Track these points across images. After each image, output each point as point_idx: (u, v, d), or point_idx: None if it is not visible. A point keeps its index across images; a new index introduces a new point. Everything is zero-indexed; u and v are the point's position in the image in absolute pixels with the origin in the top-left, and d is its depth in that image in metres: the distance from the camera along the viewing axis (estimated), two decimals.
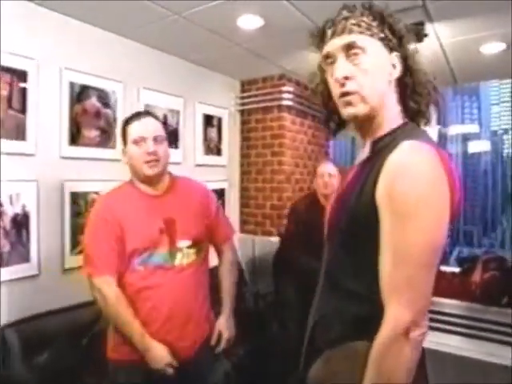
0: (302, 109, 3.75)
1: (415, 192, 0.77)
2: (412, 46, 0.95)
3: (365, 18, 0.91)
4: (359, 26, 0.90)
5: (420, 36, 2.22)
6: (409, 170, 0.79)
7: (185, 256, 1.57)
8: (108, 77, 2.51)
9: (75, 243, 2.33)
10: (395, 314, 0.77)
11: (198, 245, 1.62)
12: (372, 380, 0.79)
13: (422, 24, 2.24)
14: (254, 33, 2.54)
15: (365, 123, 0.95)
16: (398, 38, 0.92)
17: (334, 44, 0.93)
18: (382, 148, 0.87)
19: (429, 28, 2.35)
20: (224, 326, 1.67)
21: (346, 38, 0.90)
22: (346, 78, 0.90)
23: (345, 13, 0.93)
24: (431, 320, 3.69)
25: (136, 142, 1.53)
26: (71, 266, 2.31)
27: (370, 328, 0.80)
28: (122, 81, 2.59)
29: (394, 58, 0.92)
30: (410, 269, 0.77)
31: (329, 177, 2.57)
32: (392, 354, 0.76)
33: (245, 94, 3.74)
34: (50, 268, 2.22)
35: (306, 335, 0.99)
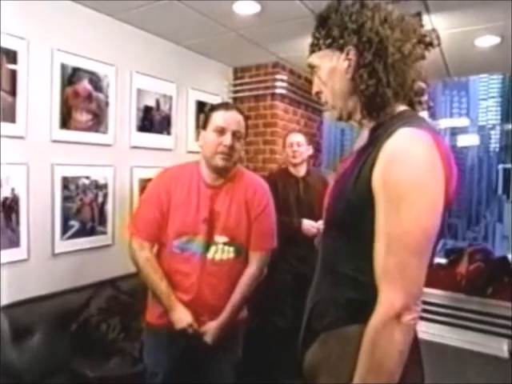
0: (295, 98, 3.73)
1: (409, 177, 0.78)
2: (372, 26, 0.91)
3: (316, 34, 1.00)
4: (311, 45, 1.02)
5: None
6: (403, 155, 0.80)
7: (219, 251, 1.59)
8: (100, 60, 2.46)
9: (65, 228, 2.31)
10: (388, 298, 0.79)
11: (236, 244, 1.61)
12: (365, 363, 0.81)
13: (418, 14, 2.23)
14: (249, 19, 2.51)
15: (354, 119, 1.01)
16: (341, 31, 0.94)
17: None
18: (380, 135, 0.87)
19: (425, 19, 2.34)
20: (211, 331, 1.60)
21: (307, 60, 1.05)
22: (317, 92, 1.04)
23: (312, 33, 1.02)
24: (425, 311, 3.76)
25: (217, 131, 1.57)
26: (61, 250, 2.29)
27: (364, 312, 0.82)
28: (115, 64, 2.55)
29: (348, 52, 0.93)
30: (403, 255, 0.78)
31: (297, 146, 2.62)
32: (384, 337, 0.78)
33: (238, 82, 3.70)
34: (39, 253, 2.20)
35: (304, 320, 1.01)
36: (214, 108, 1.67)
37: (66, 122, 2.29)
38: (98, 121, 2.46)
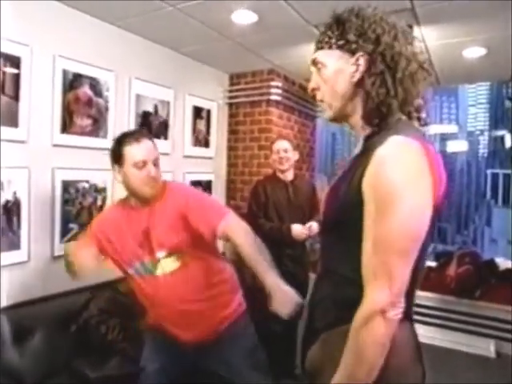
0: (290, 104, 3.81)
1: (396, 181, 0.83)
2: (388, 40, 0.95)
3: (328, 32, 1.01)
4: (320, 42, 1.03)
5: None
6: (390, 161, 0.85)
7: (165, 265, 1.63)
8: (101, 66, 2.51)
9: (65, 231, 2.35)
10: (373, 295, 0.84)
11: (175, 254, 1.63)
12: (349, 352, 0.87)
13: (410, 27, 2.33)
14: (246, 28, 2.58)
15: (349, 122, 1.05)
16: (358, 37, 0.96)
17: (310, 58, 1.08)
18: (373, 143, 0.91)
19: (416, 31, 2.44)
20: (272, 287, 1.41)
21: (313, 55, 1.06)
22: (313, 89, 1.06)
23: (320, 29, 1.06)
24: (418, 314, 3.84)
25: (137, 166, 1.57)
26: (61, 253, 2.31)
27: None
28: (114, 70, 2.60)
29: (359, 58, 0.96)
30: (387, 255, 0.83)
31: (284, 152, 2.68)
32: (368, 330, 0.84)
33: (233, 88, 3.77)
34: (39, 255, 2.23)
35: (305, 320, 1.07)
36: (121, 142, 1.60)
37: (66, 126, 2.33)
38: (97, 126, 2.51)
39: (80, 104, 2.40)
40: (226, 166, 3.84)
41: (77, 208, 2.42)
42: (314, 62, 1.05)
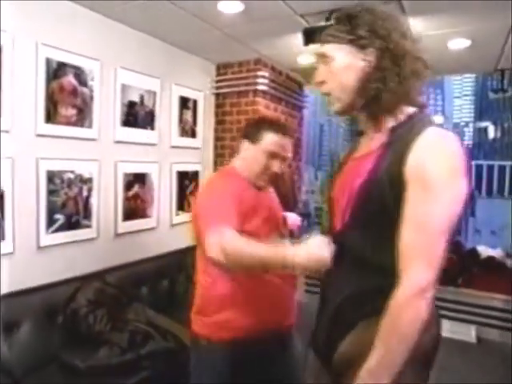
0: (276, 94, 3.81)
1: (441, 168, 0.89)
2: (397, 37, 0.98)
3: (337, 26, 1.03)
4: (330, 35, 1.04)
5: None
6: (436, 149, 0.91)
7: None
8: (86, 54, 2.47)
9: (51, 221, 2.33)
10: (416, 275, 0.86)
11: None
12: (388, 331, 0.88)
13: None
14: (233, 17, 2.57)
15: (355, 115, 1.08)
16: (370, 33, 0.99)
17: (315, 49, 1.09)
18: (403, 134, 0.96)
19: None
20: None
21: (320, 48, 1.06)
22: (320, 82, 1.07)
23: (325, 23, 1.06)
24: None
25: (274, 156, 1.53)
26: (46, 244, 2.31)
27: None
28: (100, 59, 2.56)
29: (369, 53, 0.99)
30: (431, 235, 0.88)
31: None
32: (411, 308, 0.86)
33: (220, 78, 3.75)
34: (25, 246, 2.21)
35: (327, 314, 1.06)
36: (266, 125, 1.56)
37: (51, 116, 2.30)
38: (82, 115, 2.48)
39: (64, 93, 2.37)
40: (213, 156, 3.84)
41: (62, 199, 2.40)
42: (322, 56, 1.05)
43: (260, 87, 3.58)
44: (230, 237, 1.22)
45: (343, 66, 1.02)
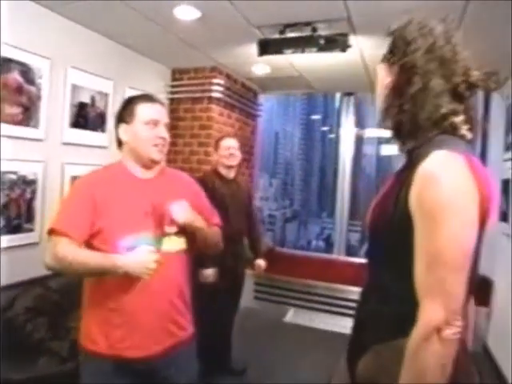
0: (231, 102, 3.86)
1: (441, 198, 0.82)
2: (420, 53, 0.95)
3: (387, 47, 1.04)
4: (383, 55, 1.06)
5: (344, 46, 2.45)
6: (436, 177, 0.84)
7: (172, 242, 1.49)
8: (34, 52, 2.38)
9: None
10: (428, 313, 0.82)
11: (182, 233, 1.52)
12: (408, 373, 0.84)
13: (346, 35, 2.46)
14: (189, 24, 2.58)
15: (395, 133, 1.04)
16: (398, 50, 1.00)
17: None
18: (417, 157, 0.91)
19: (352, 40, 2.57)
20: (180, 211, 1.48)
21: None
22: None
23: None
24: (337, 306, 4.03)
25: (148, 124, 1.48)
26: None
27: (413, 327, 0.85)
28: (50, 57, 2.48)
29: (393, 69, 1.00)
30: (441, 272, 0.82)
31: (234, 149, 2.74)
32: (425, 350, 0.81)
33: (175, 83, 3.75)
34: None
35: (353, 328, 1.06)
36: (135, 100, 1.52)
37: None
38: (28, 114, 2.38)
39: (8, 91, 2.27)
40: (166, 161, 3.78)
41: (4, 200, 2.29)
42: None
43: (215, 94, 3.61)
44: (63, 245, 1.34)
45: (380, 80, 1.04)
